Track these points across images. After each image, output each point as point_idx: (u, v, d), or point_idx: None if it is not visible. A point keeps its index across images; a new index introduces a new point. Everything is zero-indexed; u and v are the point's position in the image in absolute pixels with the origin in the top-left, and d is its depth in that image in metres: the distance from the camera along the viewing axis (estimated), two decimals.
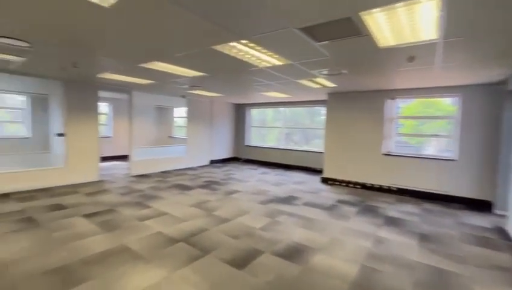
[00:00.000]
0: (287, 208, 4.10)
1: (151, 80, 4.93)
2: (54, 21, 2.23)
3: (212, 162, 8.58)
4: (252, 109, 9.27)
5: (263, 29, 2.27)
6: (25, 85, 5.69)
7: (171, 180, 5.93)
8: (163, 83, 5.20)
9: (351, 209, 4.15)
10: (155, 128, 9.39)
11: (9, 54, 3.33)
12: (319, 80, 4.40)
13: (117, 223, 3.30)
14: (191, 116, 7.79)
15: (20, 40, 2.76)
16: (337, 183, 5.95)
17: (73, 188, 4.91)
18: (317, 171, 7.41)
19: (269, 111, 9.33)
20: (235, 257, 2.57)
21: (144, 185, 5.32)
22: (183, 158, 7.60)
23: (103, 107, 8.65)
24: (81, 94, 5.35)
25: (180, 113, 9.60)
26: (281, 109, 8.72)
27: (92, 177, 5.56)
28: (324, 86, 5.00)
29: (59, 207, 3.82)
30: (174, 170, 7.16)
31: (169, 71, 4.07)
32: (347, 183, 5.81)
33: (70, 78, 5.03)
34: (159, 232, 3.06)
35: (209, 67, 3.76)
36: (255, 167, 8.22)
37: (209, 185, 5.55)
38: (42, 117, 6.84)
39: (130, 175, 6.24)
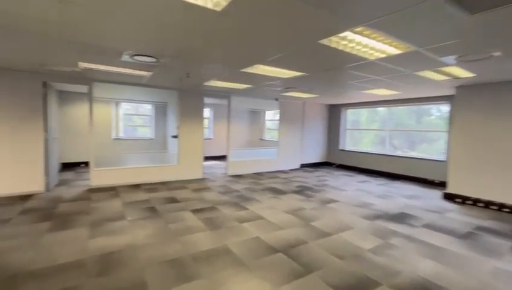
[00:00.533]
0: (401, 229, 3.37)
1: (249, 84, 5.08)
2: (175, 36, 2.46)
3: (303, 166, 8.29)
4: (347, 110, 8.47)
5: (390, 8, 1.82)
6: (151, 96, 6.93)
7: (264, 182, 5.98)
8: (258, 86, 5.29)
9: (501, 243, 3.04)
10: (247, 131, 9.86)
11: (143, 70, 4.02)
12: (449, 69, 3.45)
13: (219, 222, 3.45)
14: (283, 119, 7.74)
15: (151, 56, 3.23)
16: (469, 202, 4.59)
17: (183, 184, 5.59)
18: (433, 184, 6.01)
19: (364, 112, 8.31)
20: (343, 282, 2.19)
21: (239, 186, 5.54)
22: (274, 161, 7.63)
23: (206, 112, 9.72)
24: (190, 101, 6.07)
25: (271, 115, 9.76)
26: (379, 109, 7.60)
27: (197, 175, 6.22)
28: (455, 77, 3.92)
29: (173, 200, 4.36)
30: (266, 172, 7.26)
31: (268, 74, 4.04)
32: (486, 204, 4.40)
33: (183, 88, 5.77)
34: (257, 238, 2.99)
35: (310, 65, 3.49)
36: (350, 173, 7.43)
37: (302, 190, 5.28)
38: (162, 122, 8.21)
39: (227, 175, 6.68)
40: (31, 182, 4.50)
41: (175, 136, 6.14)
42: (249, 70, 3.83)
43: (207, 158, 9.07)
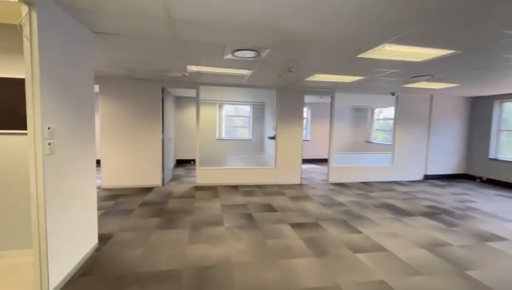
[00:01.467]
0: None
1: (361, 75, 4.13)
2: (279, 23, 1.96)
3: (427, 177, 6.46)
4: (503, 103, 6.05)
5: None
6: (250, 96, 6.92)
7: (375, 196, 4.85)
8: (373, 77, 4.25)
9: None
10: (351, 132, 8.65)
11: (243, 68, 3.79)
12: None
13: (325, 245, 2.78)
14: (401, 117, 6.23)
15: (252, 50, 2.89)
16: None
17: (279, 189, 5.19)
18: None
19: None
20: None
21: (345, 198, 4.65)
22: (387, 169, 6.24)
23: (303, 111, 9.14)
24: (289, 100, 5.61)
25: (381, 114, 8.21)
26: None
27: (295, 180, 5.71)
28: None
29: (270, 208, 3.97)
30: (377, 182, 5.99)
31: (394, 57, 3.04)
32: None
33: (282, 86, 5.37)
34: (383, 283, 2.14)
35: (470, 38, 2.31)
36: (508, 193, 5.20)
37: (436, 214, 3.90)
38: (259, 123, 8.17)
39: (328, 182, 5.86)
40: (152, 177, 5.11)
41: (272, 138, 5.84)
42: (369, 54, 2.96)
43: (303, 161, 8.47)
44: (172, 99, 7.00)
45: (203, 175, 5.34)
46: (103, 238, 2.80)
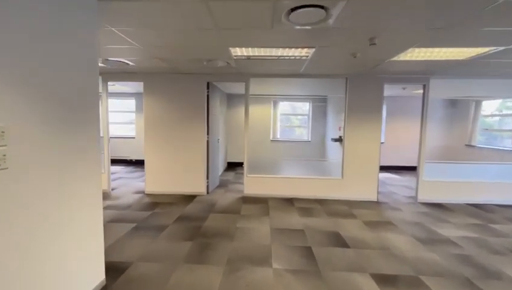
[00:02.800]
0: None
1: (491, 45, 2.63)
2: None
3: None
4: None
5: None
6: (309, 89, 5.80)
7: (503, 229, 3.19)
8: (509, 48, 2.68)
9: None
10: (443, 133, 6.69)
11: (303, 47, 2.76)
12: None
13: None
14: None
15: (318, 6, 1.86)
16: None
17: (348, 207, 3.96)
18: None
19: None
20: None
21: (452, 230, 3.16)
22: (509, 186, 4.31)
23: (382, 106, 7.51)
24: (364, 90, 4.30)
25: (492, 107, 6.05)
26: None
27: (369, 195, 4.37)
28: None
29: (338, 240, 2.84)
30: (495, 206, 4.16)
31: None
32: None
33: (354, 72, 4.12)
34: None
35: None
36: None
37: None
38: (320, 122, 6.96)
39: (418, 201, 4.32)
40: (196, 183, 4.52)
41: (337, 140, 4.63)
42: None
43: None
44: (223, 97, 6.41)
45: (251, 184, 4.50)
46: (116, 271, 2.18)
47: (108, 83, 4.55)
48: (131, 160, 7.38)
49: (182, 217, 3.44)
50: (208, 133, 4.50)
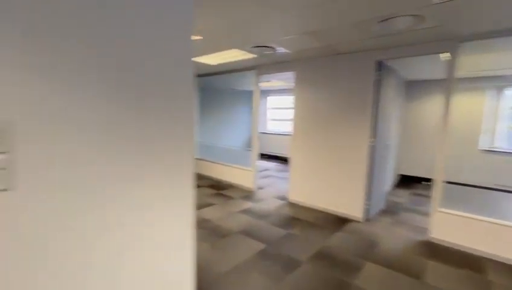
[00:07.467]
0: None
1: None
2: None
3: None
4: None
5: None
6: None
7: None
8: None
9: None
10: None
11: None
12: None
13: None
14: None
15: None
16: None
17: None
18: None
19: None
20: None
21: None
22: None
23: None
24: None
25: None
26: None
27: None
28: None
29: None
30: None
31: None
32: None
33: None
34: None
35: None
36: None
37: None
38: None
39: None
40: (348, 202, 3.33)
41: None
42: None
43: None
44: (399, 85, 4.58)
45: (446, 225, 2.67)
46: None
47: (261, 79, 4.29)
48: (285, 158, 7.22)
49: (322, 253, 2.44)
50: (373, 136, 3.15)
